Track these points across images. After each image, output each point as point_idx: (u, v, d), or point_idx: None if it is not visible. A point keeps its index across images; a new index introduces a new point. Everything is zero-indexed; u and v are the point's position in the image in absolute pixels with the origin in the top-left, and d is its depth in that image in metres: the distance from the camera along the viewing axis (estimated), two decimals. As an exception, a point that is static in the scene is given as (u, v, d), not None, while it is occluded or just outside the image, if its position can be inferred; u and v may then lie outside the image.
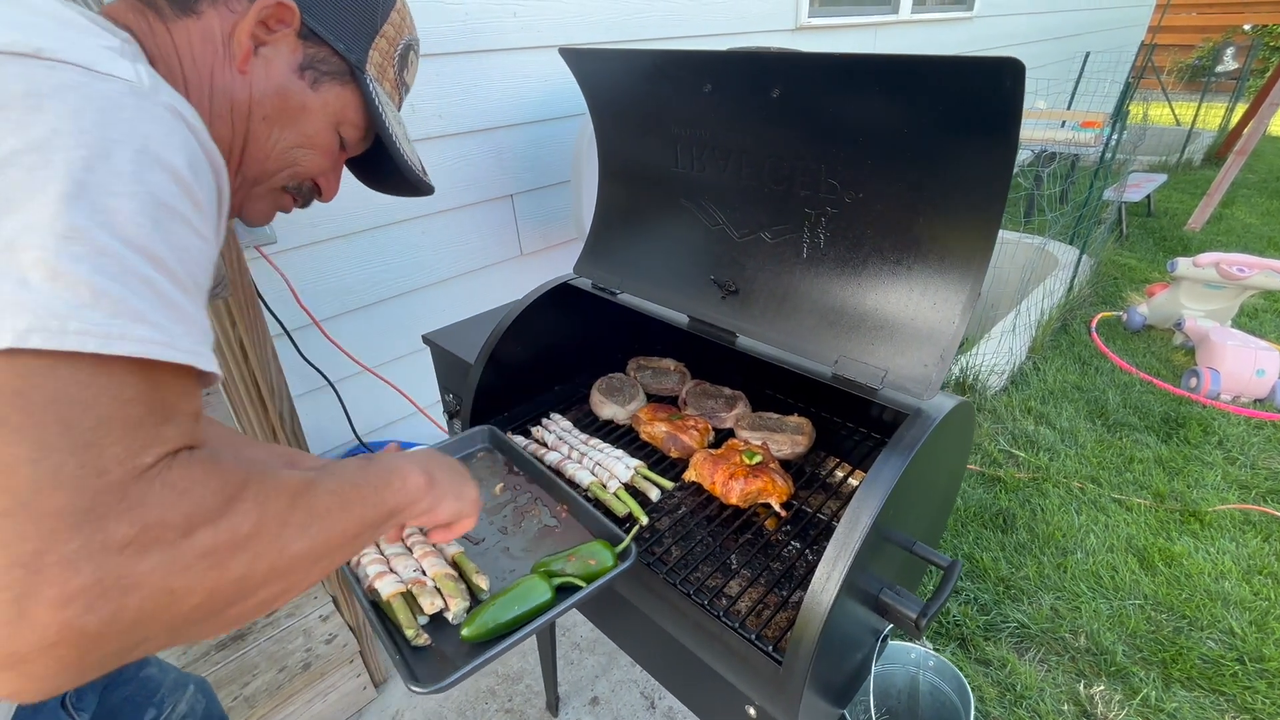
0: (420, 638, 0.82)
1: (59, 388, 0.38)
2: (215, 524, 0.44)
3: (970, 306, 0.91)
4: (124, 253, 0.42)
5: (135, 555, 0.39)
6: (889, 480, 0.81)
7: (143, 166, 0.44)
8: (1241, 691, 1.73)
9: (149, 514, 0.40)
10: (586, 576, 0.86)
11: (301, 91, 0.71)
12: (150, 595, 0.40)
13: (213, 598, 0.44)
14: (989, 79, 0.73)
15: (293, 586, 0.51)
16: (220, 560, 0.43)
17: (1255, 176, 6.54)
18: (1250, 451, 2.63)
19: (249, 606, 0.47)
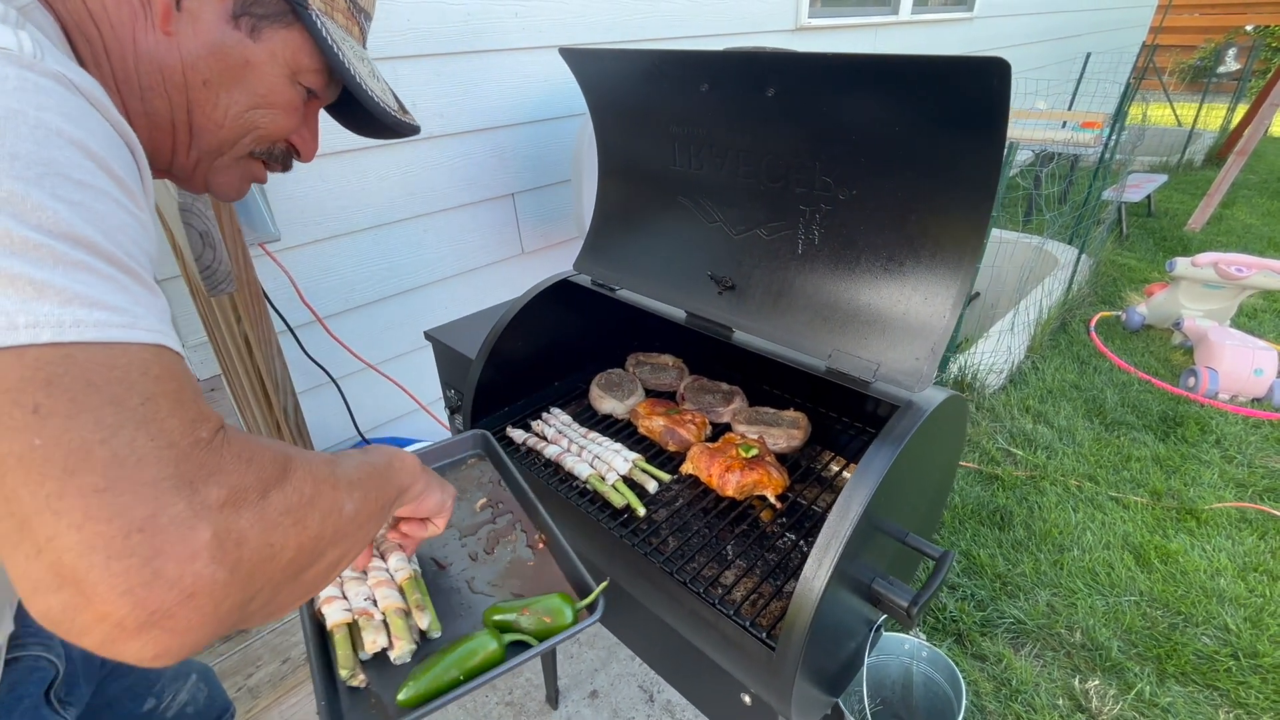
0: (356, 678, 0.77)
1: (91, 368, 0.38)
2: (282, 487, 0.45)
3: (961, 301, 0.93)
4: (49, 242, 0.38)
5: (233, 513, 0.41)
6: (879, 470, 0.83)
7: (42, 144, 0.40)
8: (1235, 687, 1.74)
9: (229, 478, 0.42)
10: (539, 634, 0.81)
11: (240, 44, 0.62)
12: (256, 548, 0.42)
13: (300, 554, 0.46)
14: (977, 78, 0.75)
15: (349, 551, 0.53)
16: (298, 518, 0.46)
17: (1256, 177, 6.54)
18: (1247, 450, 2.64)
19: (322, 569, 0.50)
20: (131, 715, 0.92)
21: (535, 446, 1.30)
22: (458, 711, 1.78)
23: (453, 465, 1.15)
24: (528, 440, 1.32)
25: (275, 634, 1.71)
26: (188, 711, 1.00)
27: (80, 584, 0.35)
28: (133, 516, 0.36)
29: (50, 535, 0.35)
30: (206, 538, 0.38)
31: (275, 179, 1.69)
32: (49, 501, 0.35)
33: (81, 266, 0.39)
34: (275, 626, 1.73)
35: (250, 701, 1.56)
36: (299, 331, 1.81)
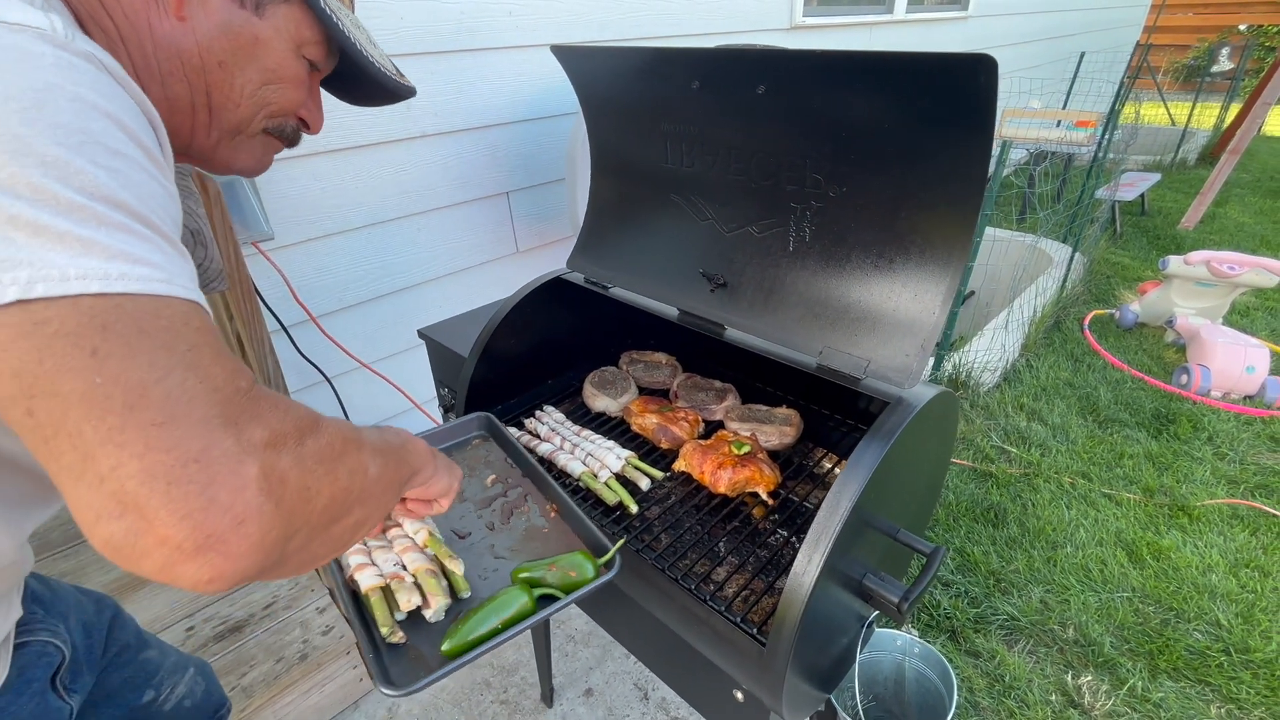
0: (395, 635, 0.81)
1: (141, 317, 0.41)
2: (316, 437, 0.49)
3: (950, 298, 0.93)
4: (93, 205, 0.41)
5: (275, 453, 0.45)
6: (869, 466, 0.84)
7: (80, 115, 0.43)
8: (1227, 682, 1.75)
9: (270, 423, 0.45)
10: (566, 587, 0.86)
11: (247, 23, 0.64)
12: (295, 488, 0.45)
13: (331, 502, 0.49)
14: (964, 75, 0.76)
15: (371, 514, 0.57)
16: (330, 468, 0.49)
17: (1249, 176, 6.57)
18: (1239, 447, 2.65)
19: (349, 525, 0.53)
20: (131, 707, 0.93)
21: (528, 444, 1.30)
22: (453, 710, 1.78)
23: (459, 446, 1.21)
24: (521, 438, 1.32)
25: (269, 634, 1.71)
26: (185, 705, 1.00)
27: (142, 509, 0.38)
28: (189, 448, 0.40)
29: (114, 465, 0.38)
30: (254, 472, 0.42)
31: (268, 178, 1.69)
32: (111, 434, 0.38)
33: (121, 227, 0.42)
34: (270, 626, 1.73)
35: (244, 701, 1.55)
36: (292, 330, 1.81)
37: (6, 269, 0.38)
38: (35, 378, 0.38)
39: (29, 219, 0.39)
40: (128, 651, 0.93)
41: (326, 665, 1.67)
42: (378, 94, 0.82)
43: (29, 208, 0.39)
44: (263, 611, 1.76)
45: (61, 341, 0.38)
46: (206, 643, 1.67)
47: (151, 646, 0.98)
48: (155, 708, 0.96)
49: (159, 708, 0.96)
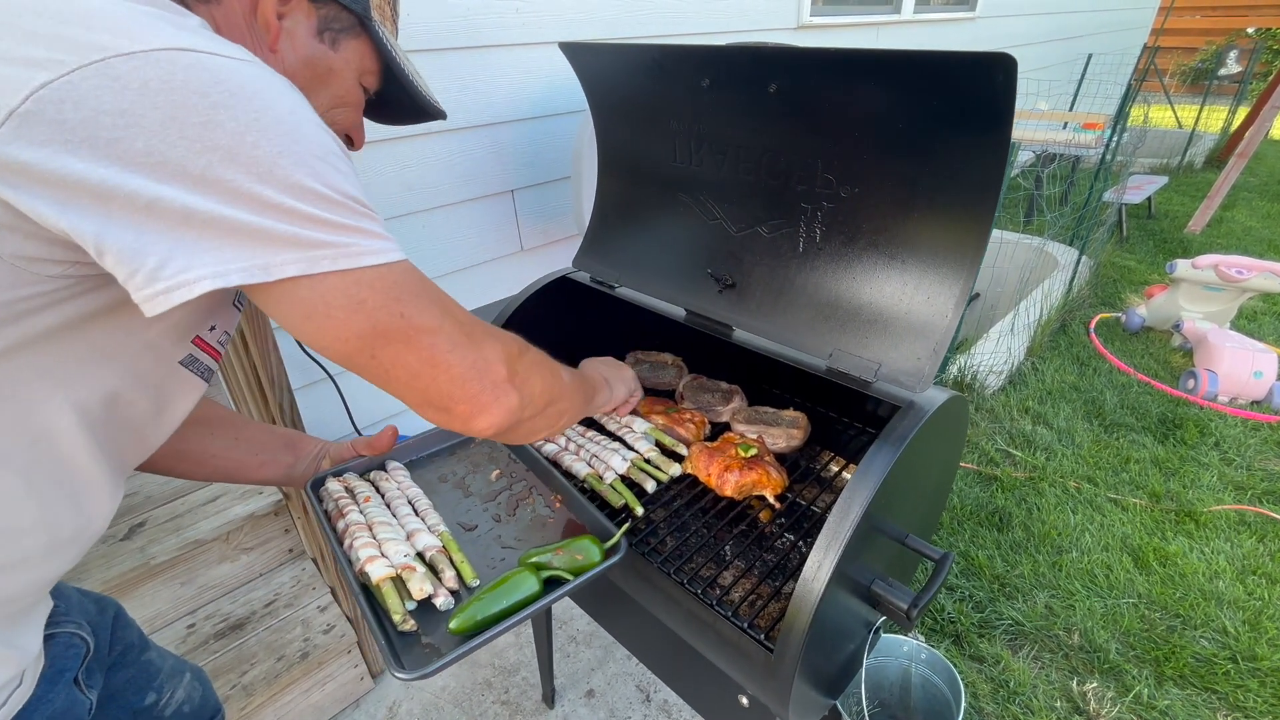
0: (407, 623, 0.83)
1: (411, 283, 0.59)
2: (527, 350, 0.73)
3: (963, 301, 0.92)
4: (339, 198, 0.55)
5: (511, 360, 0.68)
6: (880, 471, 0.82)
7: (321, 129, 0.55)
8: (1234, 690, 1.74)
9: (504, 340, 0.68)
10: (573, 570, 0.88)
11: (325, 55, 0.74)
12: (523, 381, 0.69)
13: (544, 391, 0.74)
14: (982, 74, 0.74)
15: (570, 408, 0.85)
16: (541, 371, 0.74)
17: (1256, 180, 6.54)
18: (1246, 453, 2.63)
19: (554, 412, 0.78)
20: (134, 709, 0.93)
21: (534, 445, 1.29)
22: (454, 710, 1.77)
23: (461, 444, 1.23)
24: (525, 438, 1.31)
25: (270, 632, 1.70)
26: (184, 710, 1.00)
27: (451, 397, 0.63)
28: (468, 362, 0.63)
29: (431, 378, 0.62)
30: (503, 371, 0.66)
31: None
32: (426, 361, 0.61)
33: (368, 216, 0.57)
34: (271, 624, 1.72)
35: (245, 699, 1.55)
36: (296, 327, 1.80)
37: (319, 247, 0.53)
38: (374, 338, 0.57)
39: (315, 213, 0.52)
40: (131, 651, 0.93)
41: (328, 664, 1.67)
42: (409, 115, 0.92)
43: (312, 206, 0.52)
44: (264, 609, 1.76)
45: (381, 313, 0.57)
46: (207, 640, 1.67)
47: (151, 648, 0.98)
48: (156, 712, 0.95)
49: (159, 712, 0.96)
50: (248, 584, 1.82)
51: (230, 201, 0.49)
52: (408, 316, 0.58)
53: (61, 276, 0.52)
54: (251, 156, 0.49)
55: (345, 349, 0.57)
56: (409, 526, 0.96)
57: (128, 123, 0.46)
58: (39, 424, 0.58)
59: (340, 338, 0.56)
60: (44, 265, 0.51)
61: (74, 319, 0.56)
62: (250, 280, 0.50)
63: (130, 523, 1.77)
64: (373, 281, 0.56)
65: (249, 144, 0.49)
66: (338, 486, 1.03)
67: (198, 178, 0.48)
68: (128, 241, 0.47)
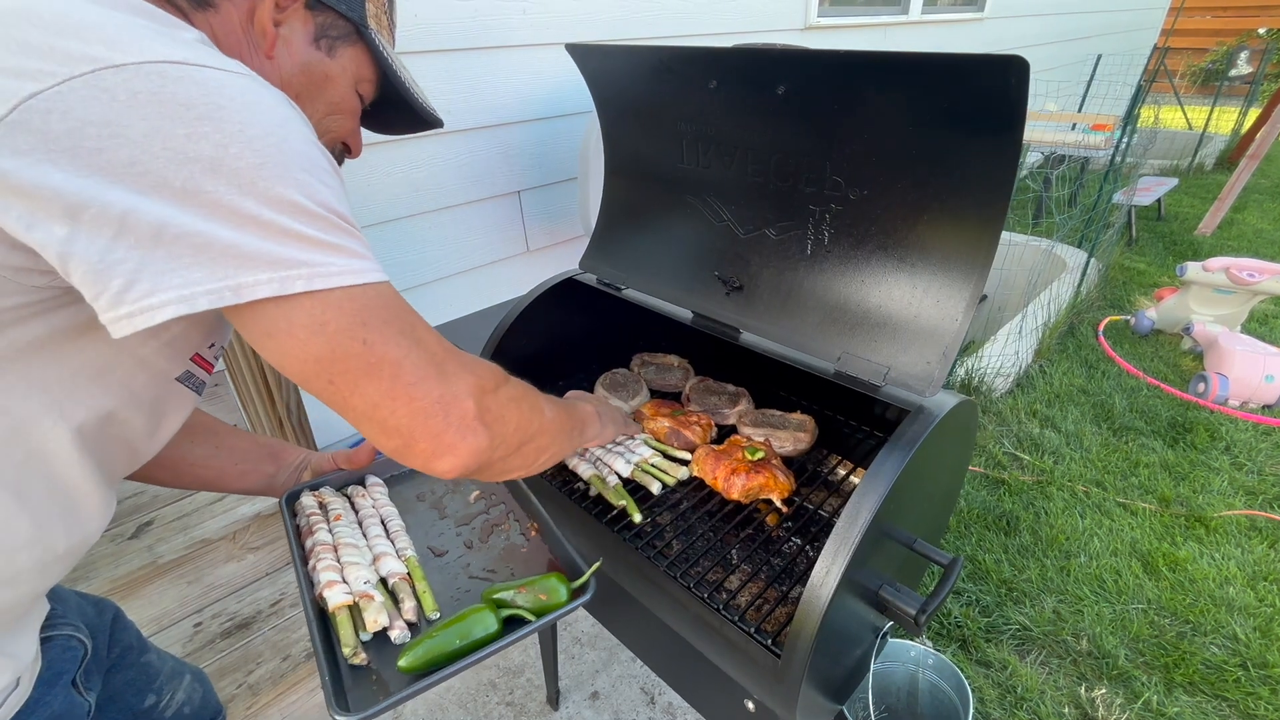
0: (357, 656, 0.79)
1: (380, 308, 0.56)
2: (505, 384, 0.68)
3: (973, 304, 0.91)
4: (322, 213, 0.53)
5: (482, 394, 0.62)
6: (889, 476, 0.82)
7: (308, 143, 0.54)
8: (1244, 697, 1.72)
9: (474, 375, 0.62)
10: (536, 610, 0.84)
11: (322, 62, 0.73)
12: (495, 418, 0.63)
13: (519, 428, 0.68)
14: (994, 76, 0.74)
15: (551, 445, 0.76)
16: (518, 406, 0.68)
17: (1268, 182, 6.48)
18: (1258, 457, 2.61)
19: (533, 449, 0.72)
20: (134, 711, 0.93)
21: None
22: (459, 712, 1.77)
23: None
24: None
25: (276, 631, 1.71)
26: (184, 712, 1.00)
27: (411, 433, 0.58)
28: (432, 396, 0.58)
29: (391, 410, 0.57)
30: (471, 406, 0.61)
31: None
32: (387, 392, 0.56)
33: (349, 233, 0.55)
34: (277, 624, 1.73)
35: (250, 699, 1.55)
36: (303, 327, 1.81)
37: (294, 266, 0.50)
38: (331, 363, 0.54)
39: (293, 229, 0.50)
40: (130, 653, 0.93)
41: (333, 664, 1.67)
42: (406, 124, 0.92)
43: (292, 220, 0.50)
44: (270, 609, 1.76)
45: (342, 337, 0.53)
46: (213, 639, 1.67)
47: (150, 650, 0.98)
48: (156, 714, 0.95)
49: (159, 714, 0.96)
50: (254, 583, 1.83)
51: (208, 215, 0.47)
52: (370, 344, 0.54)
53: (47, 287, 0.52)
54: (234, 168, 0.48)
55: (302, 371, 0.54)
56: (377, 549, 0.93)
57: (113, 133, 0.45)
58: (32, 440, 0.57)
59: (298, 359, 0.53)
60: (29, 275, 0.50)
61: (63, 331, 0.55)
62: (220, 303, 0.48)
63: (138, 521, 1.78)
64: (340, 303, 0.53)
65: (232, 155, 0.48)
66: (311, 501, 1.01)
67: (178, 189, 0.47)
68: (94, 259, 0.46)
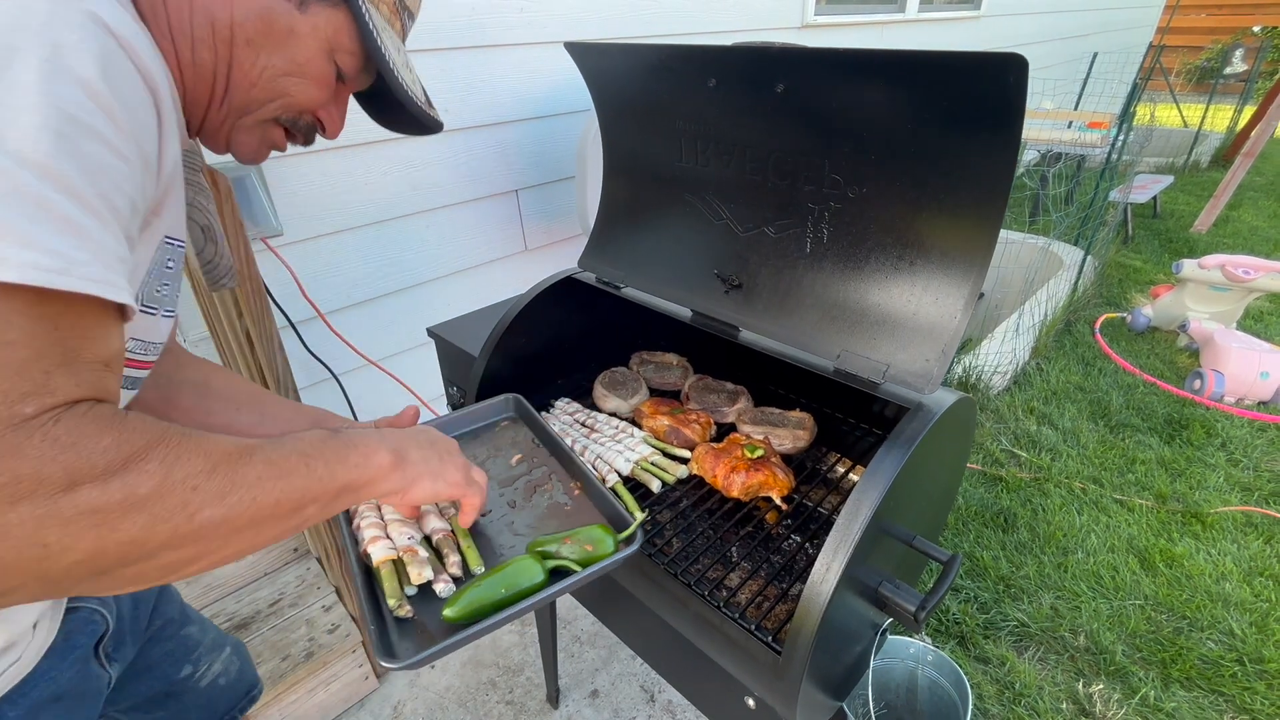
0: (403, 609, 0.79)
1: None
2: (104, 483, 0.42)
3: (972, 302, 0.91)
4: (15, 170, 0.39)
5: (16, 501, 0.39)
6: (889, 473, 0.82)
7: (48, 77, 0.41)
8: (1241, 692, 1.73)
9: (21, 466, 0.39)
10: (582, 561, 0.81)
11: (288, 14, 0.66)
12: (16, 545, 0.39)
13: (98, 556, 0.43)
14: (992, 74, 0.74)
15: (206, 553, 0.50)
16: (106, 520, 0.42)
17: (1263, 179, 6.50)
18: (1253, 454, 2.62)
19: (151, 568, 0.47)
20: (169, 679, 0.96)
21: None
22: (459, 710, 1.77)
23: (486, 429, 1.21)
24: (530, 439, 1.31)
25: (275, 631, 1.71)
26: (220, 683, 1.03)
27: None
28: None
29: None
30: None
31: (278, 174, 1.68)
32: None
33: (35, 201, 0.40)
34: (276, 624, 1.72)
35: (250, 699, 1.55)
36: (300, 327, 1.80)
37: None
38: None
39: None
40: (170, 626, 0.95)
41: (332, 664, 1.67)
42: (405, 120, 0.83)
43: None
44: (268, 609, 1.76)
45: None
46: None
47: (193, 622, 1.00)
48: (192, 683, 0.98)
49: (195, 683, 0.99)
50: (252, 583, 1.83)
51: None
52: None
53: None
54: None
55: None
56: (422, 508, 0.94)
57: None
58: None
59: None
60: None
61: None
62: None
63: (136, 522, 1.77)
64: None
65: None
66: None
67: None
68: None
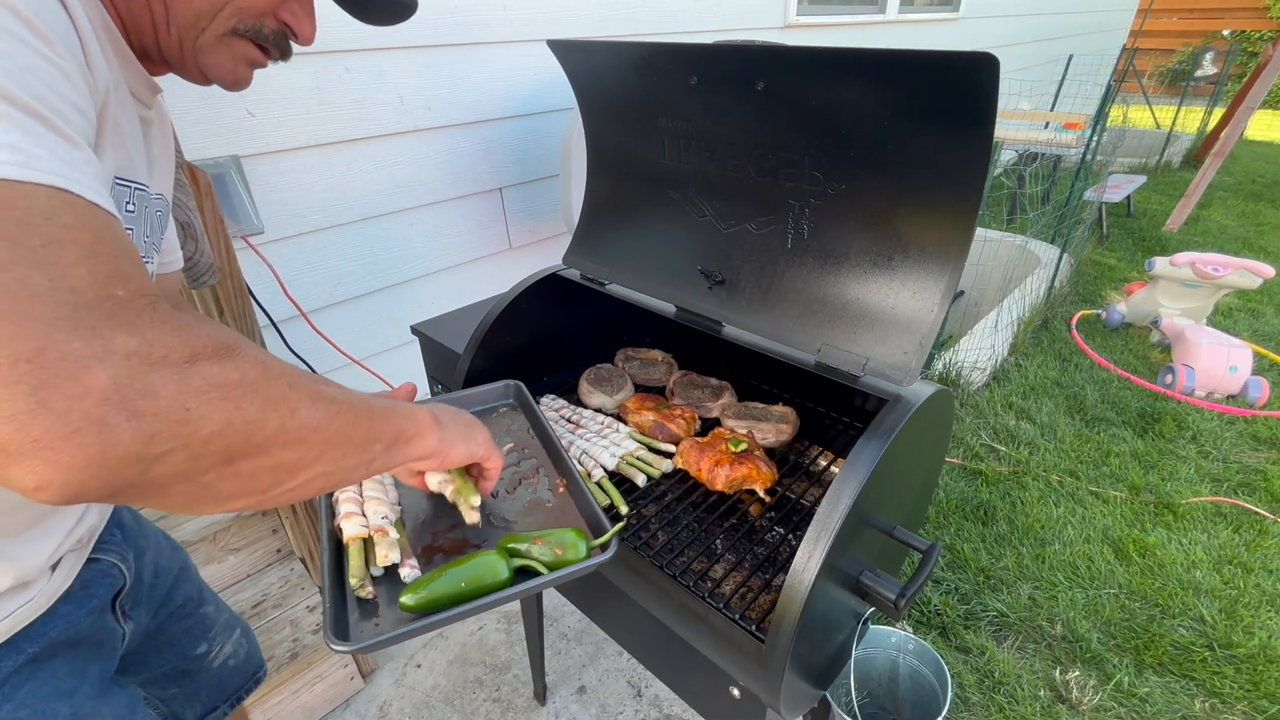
0: (364, 589, 0.77)
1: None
2: (219, 361, 0.44)
3: (949, 296, 0.93)
4: None
5: (144, 365, 0.40)
6: (868, 463, 0.84)
7: None
8: (1210, 676, 1.78)
9: (148, 334, 0.40)
10: (551, 564, 0.79)
11: None
12: (166, 407, 0.40)
13: (228, 432, 0.43)
14: (965, 73, 0.76)
15: (307, 462, 0.50)
16: (228, 395, 0.43)
17: (1232, 179, 6.67)
18: (1222, 446, 2.69)
19: (265, 467, 0.47)
20: (186, 656, 0.97)
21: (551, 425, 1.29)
22: (445, 708, 1.77)
23: (485, 413, 1.20)
24: (516, 435, 1.31)
25: (258, 632, 1.69)
26: (229, 664, 1.05)
27: None
28: (20, 348, 0.36)
29: None
30: (103, 379, 0.38)
31: (258, 171, 1.66)
32: None
33: None
34: (259, 625, 1.71)
35: (233, 701, 1.53)
36: (282, 326, 1.79)
37: None
38: None
39: None
40: (190, 604, 0.97)
41: (317, 664, 1.66)
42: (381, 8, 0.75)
43: None
44: (251, 610, 1.74)
45: None
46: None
47: (209, 602, 1.02)
48: (206, 661, 1.00)
49: (209, 662, 1.00)
50: (235, 585, 1.81)
51: None
52: None
53: None
54: None
55: None
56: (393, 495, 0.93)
57: None
58: None
59: None
60: None
61: None
62: None
63: (114, 524, 1.75)
64: None
65: None
66: None
67: None
68: None
